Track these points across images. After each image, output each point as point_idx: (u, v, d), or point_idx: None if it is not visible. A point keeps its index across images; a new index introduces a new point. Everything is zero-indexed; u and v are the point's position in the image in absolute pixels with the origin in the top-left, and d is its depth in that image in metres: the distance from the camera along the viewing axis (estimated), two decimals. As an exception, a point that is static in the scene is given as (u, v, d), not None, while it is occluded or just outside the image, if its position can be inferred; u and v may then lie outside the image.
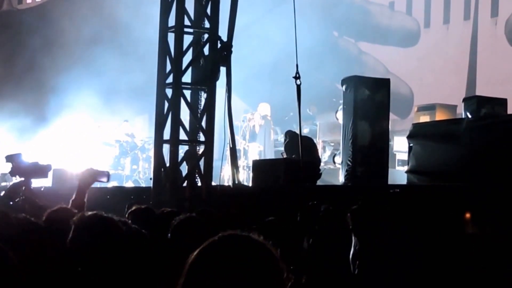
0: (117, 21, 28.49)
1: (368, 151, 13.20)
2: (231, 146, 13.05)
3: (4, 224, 4.96)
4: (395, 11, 26.03)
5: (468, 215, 8.85)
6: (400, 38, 25.04)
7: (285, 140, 15.81)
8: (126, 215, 7.48)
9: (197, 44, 12.97)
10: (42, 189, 14.65)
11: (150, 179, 13.18)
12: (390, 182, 13.39)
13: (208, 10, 12.86)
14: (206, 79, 12.77)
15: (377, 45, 25.77)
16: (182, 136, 12.81)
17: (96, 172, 7.17)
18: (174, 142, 12.71)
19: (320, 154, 17.55)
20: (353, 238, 3.30)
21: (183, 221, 5.81)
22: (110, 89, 24.64)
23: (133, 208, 7.30)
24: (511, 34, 23.09)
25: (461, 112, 13.77)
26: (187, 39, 12.92)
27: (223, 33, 12.83)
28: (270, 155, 19.84)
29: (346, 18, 25.79)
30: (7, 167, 8.78)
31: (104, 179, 7.31)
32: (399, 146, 17.45)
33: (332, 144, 19.17)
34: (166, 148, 13.13)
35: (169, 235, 5.81)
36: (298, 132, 13.69)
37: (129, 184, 21.51)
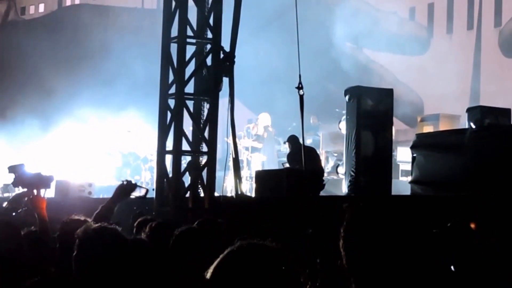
0: (122, 30, 28.55)
1: (372, 161, 13.15)
2: (234, 156, 13.03)
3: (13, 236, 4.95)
4: (404, 19, 26.02)
5: (472, 226, 8.80)
6: (410, 46, 25.01)
7: (289, 147, 15.81)
8: (134, 226, 7.45)
9: (199, 55, 12.96)
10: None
11: (153, 189, 13.15)
12: (393, 192, 13.35)
13: (211, 21, 12.85)
14: (208, 90, 12.76)
15: (385, 53, 25.72)
16: (185, 146, 12.78)
17: (135, 187, 7.09)
18: (177, 152, 12.68)
19: (323, 165, 17.52)
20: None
21: (184, 232, 5.78)
22: (114, 97, 24.68)
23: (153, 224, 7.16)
24: (504, 44, 23.11)
25: (465, 122, 13.73)
26: (190, 50, 12.91)
27: (225, 43, 12.83)
28: (273, 166, 19.80)
29: (353, 27, 25.77)
30: (10, 177, 8.75)
31: (138, 193, 7.22)
32: (403, 156, 17.41)
33: (335, 154, 19.14)
34: (168, 158, 13.11)
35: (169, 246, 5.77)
36: (300, 138, 13.69)
37: (132, 195, 21.43)
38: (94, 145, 23.63)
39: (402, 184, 15.50)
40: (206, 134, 12.79)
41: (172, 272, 5.33)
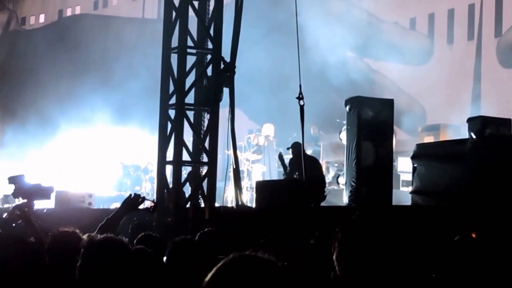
0: (123, 40, 28.57)
1: (372, 171, 13.14)
2: (234, 167, 13.01)
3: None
4: (406, 29, 26.00)
5: (473, 235, 8.77)
6: (412, 56, 24.99)
7: (292, 153, 15.79)
8: (133, 239, 7.43)
9: (200, 65, 12.95)
10: (44, 211, 14.59)
11: (153, 200, 13.11)
12: (394, 203, 13.33)
13: (211, 31, 12.85)
14: (209, 100, 12.75)
15: (387, 63, 25.66)
16: (185, 157, 12.77)
17: (142, 201, 7.07)
18: (177, 163, 12.67)
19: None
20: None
21: (179, 243, 5.76)
22: (115, 107, 24.69)
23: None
24: (502, 55, 23.11)
25: (465, 132, 13.72)
26: (190, 60, 12.91)
27: (226, 53, 12.83)
28: (274, 176, 19.78)
29: (354, 36, 25.72)
30: (10, 188, 8.75)
31: (144, 205, 7.21)
32: (403, 166, 17.38)
33: (336, 164, 19.12)
34: (169, 169, 13.09)
35: (165, 257, 5.76)
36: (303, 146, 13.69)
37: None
38: (94, 156, 23.61)
39: (403, 195, 15.48)
40: (206, 144, 12.77)
41: (170, 282, 5.32)
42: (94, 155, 23.64)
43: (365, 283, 3.20)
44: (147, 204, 7.27)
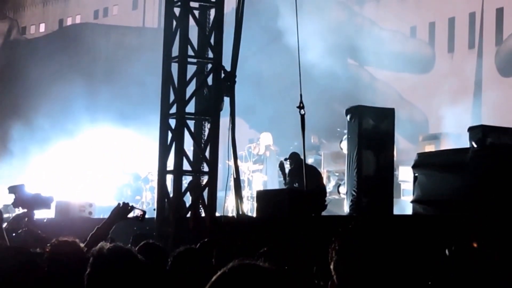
0: (123, 50, 28.60)
1: (373, 181, 13.11)
2: (235, 176, 12.99)
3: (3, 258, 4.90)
4: (408, 38, 26.01)
5: (475, 245, 8.74)
6: (413, 64, 24.99)
7: (290, 164, 15.75)
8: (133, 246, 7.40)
9: (200, 74, 12.95)
10: (44, 220, 14.58)
11: (154, 209, 13.11)
12: (395, 212, 13.29)
13: (212, 40, 12.85)
14: (209, 109, 12.74)
15: (389, 71, 25.65)
16: (186, 166, 12.74)
17: (131, 209, 7.07)
18: (178, 172, 12.65)
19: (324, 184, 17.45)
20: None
21: (182, 253, 5.74)
22: (115, 116, 24.69)
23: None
24: (501, 64, 23.12)
25: (466, 141, 13.69)
26: (191, 69, 12.90)
27: (226, 63, 12.81)
28: (275, 186, 19.75)
29: (355, 44, 25.71)
30: (10, 198, 8.74)
31: (134, 214, 7.21)
32: (404, 176, 17.34)
33: (337, 174, 19.08)
34: (169, 178, 13.07)
35: (168, 266, 5.74)
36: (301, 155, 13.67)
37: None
38: (95, 165, 23.60)
39: (404, 204, 15.44)
40: (207, 154, 12.75)
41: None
42: (95, 164, 23.62)
43: None
44: (136, 212, 7.26)
